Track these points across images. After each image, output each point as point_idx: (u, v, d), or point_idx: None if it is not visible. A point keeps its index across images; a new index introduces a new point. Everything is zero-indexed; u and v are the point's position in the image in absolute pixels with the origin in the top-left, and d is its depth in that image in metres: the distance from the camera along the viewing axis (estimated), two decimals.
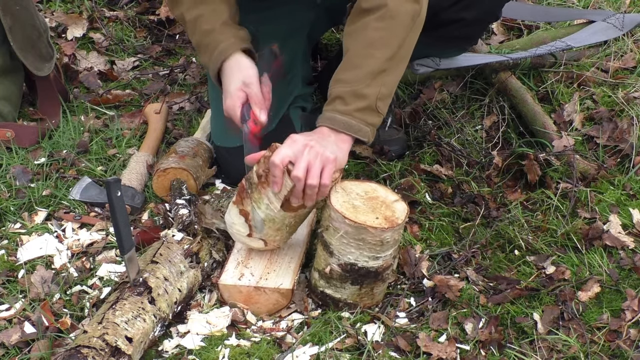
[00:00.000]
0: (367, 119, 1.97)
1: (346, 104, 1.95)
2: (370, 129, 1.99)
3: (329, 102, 1.99)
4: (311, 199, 1.90)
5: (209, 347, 1.89)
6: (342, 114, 1.95)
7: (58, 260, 2.15)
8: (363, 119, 1.96)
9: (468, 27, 2.38)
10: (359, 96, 1.95)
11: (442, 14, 2.27)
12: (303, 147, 1.87)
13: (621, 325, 1.92)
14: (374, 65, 1.96)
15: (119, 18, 3.24)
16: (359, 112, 1.96)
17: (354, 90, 1.95)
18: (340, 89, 1.97)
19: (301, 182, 1.86)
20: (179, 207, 2.20)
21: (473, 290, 2.04)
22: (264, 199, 1.93)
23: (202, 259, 2.06)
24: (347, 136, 1.96)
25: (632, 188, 2.31)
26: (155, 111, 2.66)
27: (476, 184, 2.43)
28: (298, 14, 2.45)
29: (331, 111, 1.96)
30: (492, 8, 2.41)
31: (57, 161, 2.48)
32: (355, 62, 1.98)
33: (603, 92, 2.65)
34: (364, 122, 1.97)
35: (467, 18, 2.32)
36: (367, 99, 1.96)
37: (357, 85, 1.95)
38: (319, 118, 1.99)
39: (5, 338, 1.87)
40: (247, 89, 2.04)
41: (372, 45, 1.98)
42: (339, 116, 1.95)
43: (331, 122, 1.95)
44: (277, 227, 1.98)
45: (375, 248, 1.88)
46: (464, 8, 2.30)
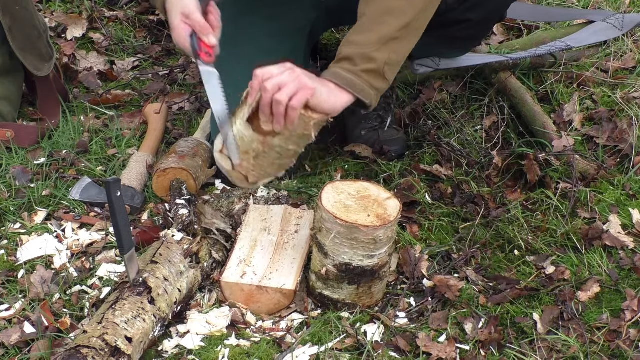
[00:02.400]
0: (372, 81, 1.96)
1: (354, 65, 1.94)
2: (374, 92, 1.97)
3: (336, 61, 1.98)
4: (278, 121, 1.87)
5: (208, 347, 1.89)
6: (347, 71, 1.94)
7: (58, 260, 2.15)
8: (368, 81, 1.95)
9: (473, 28, 2.38)
10: (368, 59, 1.94)
11: (448, 14, 2.26)
12: (288, 69, 1.86)
13: (621, 325, 1.92)
14: (386, 32, 1.95)
15: (118, 18, 3.24)
16: (365, 73, 1.94)
17: (363, 53, 1.94)
18: (349, 50, 1.96)
19: (267, 94, 1.84)
20: (178, 207, 2.20)
21: (473, 290, 2.04)
22: (241, 112, 1.92)
23: (202, 259, 2.06)
24: (348, 94, 1.94)
25: (632, 188, 2.31)
26: (155, 111, 2.66)
27: (476, 184, 2.43)
28: (299, 14, 2.45)
29: (337, 68, 1.96)
30: (498, 8, 2.41)
31: (57, 161, 2.48)
32: (368, 27, 1.98)
33: (603, 92, 2.65)
34: (368, 84, 1.95)
35: (473, 19, 2.32)
36: (375, 62, 1.95)
37: (367, 49, 1.94)
38: (323, 73, 1.97)
39: (5, 338, 1.87)
40: (188, 19, 1.99)
41: (388, 12, 1.97)
42: (344, 73, 1.94)
43: (335, 77, 1.94)
44: (245, 149, 1.95)
45: (369, 247, 1.88)
46: (470, 8, 2.30)
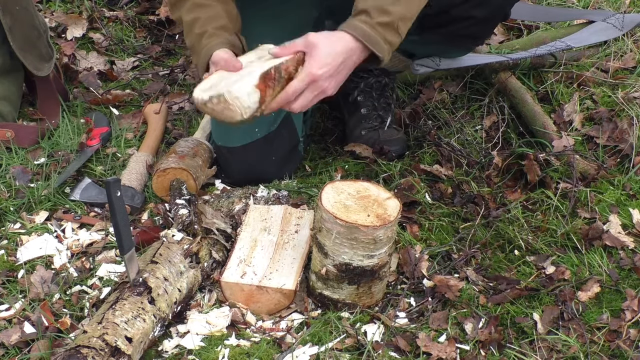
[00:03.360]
0: (386, 35, 1.99)
1: (370, 17, 1.97)
2: (387, 47, 2.00)
3: (354, 14, 2.01)
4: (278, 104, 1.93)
5: (208, 347, 1.89)
6: (364, 23, 1.97)
7: (58, 260, 2.15)
8: (382, 34, 1.98)
9: (477, 26, 2.38)
10: (384, 11, 1.97)
11: (452, 11, 2.26)
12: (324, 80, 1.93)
13: (621, 325, 1.92)
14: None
15: (118, 18, 3.24)
16: (381, 26, 1.98)
17: (379, 6, 1.98)
18: (366, 3, 1.99)
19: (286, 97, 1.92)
20: (178, 207, 2.20)
21: (473, 290, 2.04)
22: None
23: (202, 259, 2.06)
24: (364, 48, 1.98)
25: (632, 188, 2.31)
26: (155, 111, 2.66)
27: (476, 184, 2.43)
28: (301, 13, 2.45)
29: (355, 20, 1.99)
30: (502, 6, 2.41)
31: (57, 161, 2.48)
32: None
33: (603, 92, 2.65)
34: (382, 38, 1.98)
35: (477, 16, 2.32)
36: (391, 16, 1.98)
37: (383, 1, 1.98)
38: (342, 25, 2.00)
39: (5, 338, 1.87)
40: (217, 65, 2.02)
41: None
42: (361, 24, 1.97)
43: (353, 29, 1.97)
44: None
45: (368, 246, 1.88)
46: (475, 6, 2.30)
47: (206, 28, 2.11)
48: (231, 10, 2.20)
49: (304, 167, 2.56)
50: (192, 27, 2.15)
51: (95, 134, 2.57)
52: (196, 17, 2.14)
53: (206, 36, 2.10)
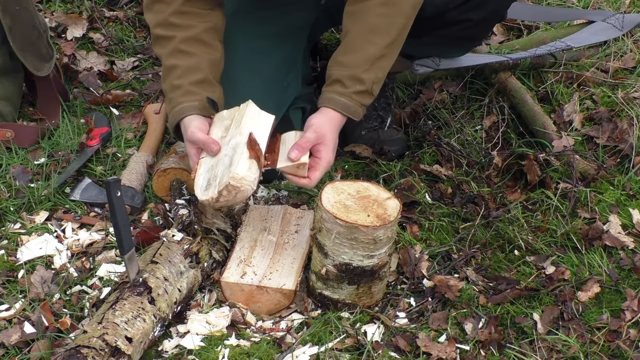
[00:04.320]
0: (362, 100, 2.06)
1: (345, 87, 2.04)
2: (363, 109, 2.09)
3: (328, 83, 2.07)
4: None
5: (208, 347, 1.89)
6: (340, 95, 2.04)
7: (58, 260, 2.15)
8: (359, 101, 2.06)
9: (474, 28, 2.38)
10: (358, 80, 2.04)
11: (448, 14, 2.27)
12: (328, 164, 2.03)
13: (621, 325, 1.92)
14: (373, 51, 2.04)
15: (118, 18, 3.24)
16: (357, 94, 2.05)
17: (353, 75, 2.04)
18: (340, 72, 2.05)
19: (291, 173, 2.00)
20: (178, 207, 2.20)
21: (473, 290, 2.04)
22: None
23: (202, 259, 2.06)
24: (343, 117, 2.06)
25: (632, 188, 2.31)
26: (155, 111, 2.66)
27: (476, 184, 2.43)
28: (299, 14, 2.45)
29: (331, 92, 2.05)
30: (498, 8, 2.41)
31: (57, 161, 2.48)
32: (356, 46, 2.06)
33: (603, 92, 2.65)
34: (359, 104, 2.06)
35: (473, 18, 2.32)
36: (365, 84, 2.04)
37: (356, 70, 2.04)
38: (320, 98, 2.07)
39: (5, 338, 1.87)
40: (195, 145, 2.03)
41: (373, 31, 2.05)
42: (337, 97, 2.04)
43: (332, 104, 2.04)
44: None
45: (368, 247, 1.88)
46: (471, 9, 2.30)
47: (182, 82, 2.07)
48: (214, 57, 2.15)
49: None
50: (170, 74, 2.11)
51: (95, 134, 2.57)
52: (175, 64, 2.10)
53: (180, 93, 2.07)
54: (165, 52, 2.13)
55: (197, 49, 2.11)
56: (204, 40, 2.13)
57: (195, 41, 2.11)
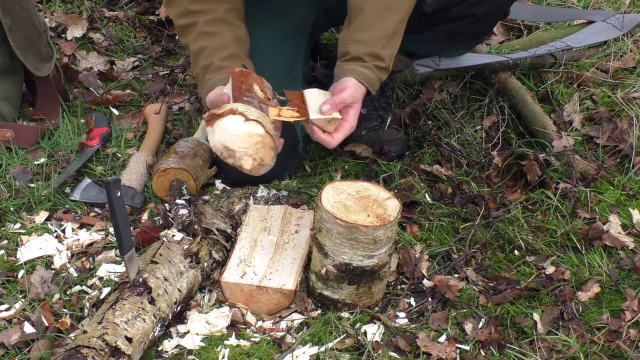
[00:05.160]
0: (381, 76, 2.11)
1: (365, 62, 2.07)
2: (378, 84, 2.12)
3: (348, 59, 2.09)
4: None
5: (208, 347, 1.89)
6: (363, 67, 2.06)
7: (58, 261, 2.15)
8: (378, 76, 2.09)
9: (477, 24, 2.38)
10: (377, 57, 2.07)
11: (452, 9, 2.27)
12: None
13: (621, 326, 1.92)
14: (389, 28, 2.09)
15: (118, 18, 3.24)
16: (377, 69, 2.08)
17: (371, 52, 2.07)
18: (358, 49, 2.07)
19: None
20: (178, 207, 2.20)
21: (473, 291, 2.04)
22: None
23: (201, 259, 2.06)
24: (364, 89, 2.08)
25: (632, 188, 2.31)
26: (155, 111, 2.67)
27: (476, 184, 2.43)
28: (300, 14, 2.45)
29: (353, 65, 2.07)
30: (502, 5, 2.41)
31: (57, 161, 2.48)
32: (371, 23, 2.09)
33: (603, 92, 2.65)
34: (378, 79, 2.10)
35: (477, 14, 2.32)
36: (384, 60, 2.09)
37: (374, 47, 2.07)
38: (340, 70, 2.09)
39: (5, 338, 1.87)
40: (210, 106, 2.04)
41: (387, 7, 2.09)
42: (361, 69, 2.06)
43: (356, 74, 2.06)
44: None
45: (368, 247, 1.88)
46: (475, 4, 2.30)
47: (212, 60, 2.10)
48: (239, 34, 2.18)
49: (304, 167, 2.56)
50: (199, 57, 2.14)
51: (95, 134, 2.57)
52: (203, 46, 2.13)
53: (211, 70, 2.10)
54: (190, 39, 2.17)
55: (222, 29, 2.15)
56: (227, 20, 2.16)
57: (218, 22, 2.15)
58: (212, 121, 1.91)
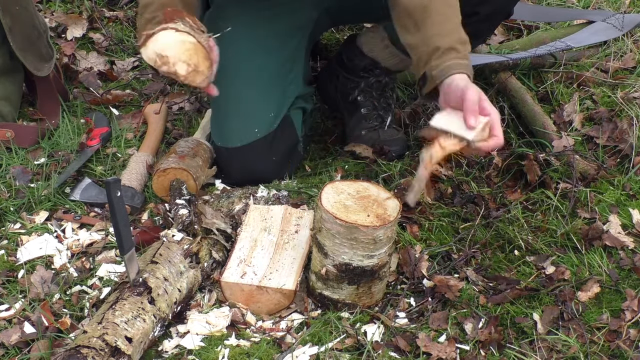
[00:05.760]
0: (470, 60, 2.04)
1: (459, 52, 2.00)
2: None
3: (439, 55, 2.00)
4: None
5: (208, 347, 1.89)
6: (461, 58, 1.99)
7: (58, 261, 2.15)
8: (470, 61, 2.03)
9: (480, 23, 2.38)
10: (464, 42, 2.03)
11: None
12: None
13: (621, 326, 1.92)
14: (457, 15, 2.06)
15: (118, 18, 3.24)
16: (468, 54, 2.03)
17: (458, 38, 2.02)
18: (445, 40, 2.00)
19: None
20: (178, 207, 2.20)
21: (473, 291, 2.04)
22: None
23: (202, 259, 2.06)
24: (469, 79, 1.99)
25: (632, 188, 2.31)
26: (155, 111, 2.66)
27: (476, 184, 2.43)
28: (300, 13, 2.46)
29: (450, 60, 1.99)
30: (506, 3, 2.41)
31: (57, 161, 2.48)
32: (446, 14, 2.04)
33: (603, 92, 2.65)
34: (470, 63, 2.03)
35: (481, 12, 2.32)
36: (468, 44, 2.04)
37: (459, 34, 2.03)
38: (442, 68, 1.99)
39: (5, 338, 1.87)
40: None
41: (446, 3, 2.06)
42: (460, 61, 1.99)
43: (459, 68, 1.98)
44: None
45: (368, 247, 1.88)
46: (479, 3, 2.30)
47: (157, 14, 2.09)
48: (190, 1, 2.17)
49: (304, 167, 2.56)
50: (145, 9, 2.15)
51: (95, 134, 2.57)
52: (149, 1, 2.14)
53: (154, 22, 2.07)
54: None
55: None
56: None
57: None
58: (145, 41, 1.96)
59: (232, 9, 2.37)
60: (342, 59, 2.66)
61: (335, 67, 2.67)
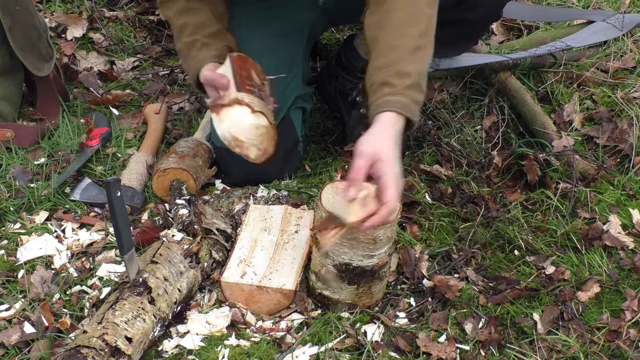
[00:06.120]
0: (414, 96, 1.90)
1: (393, 86, 1.88)
2: (417, 106, 1.92)
3: (374, 90, 1.92)
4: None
5: (208, 347, 1.89)
6: (391, 95, 1.88)
7: (58, 261, 2.15)
8: (411, 97, 1.89)
9: (469, 28, 2.38)
10: (403, 75, 1.90)
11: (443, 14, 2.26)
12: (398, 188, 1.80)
13: (621, 325, 1.92)
14: (410, 43, 1.93)
15: (118, 18, 3.24)
16: (407, 89, 1.89)
17: (397, 71, 1.90)
18: (382, 75, 1.91)
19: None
20: (178, 207, 2.20)
21: (473, 291, 2.04)
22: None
23: (201, 259, 2.06)
24: (399, 117, 1.87)
25: (632, 188, 2.31)
26: (155, 111, 2.66)
27: (476, 184, 2.43)
28: (299, 14, 2.45)
29: (381, 97, 1.89)
30: (493, 8, 2.41)
31: (57, 161, 2.48)
32: (391, 45, 1.94)
33: (603, 92, 2.65)
34: (412, 100, 1.89)
35: (469, 19, 2.32)
36: (411, 76, 1.90)
37: (399, 65, 1.90)
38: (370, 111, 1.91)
39: (5, 338, 1.87)
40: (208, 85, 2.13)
41: (403, 24, 1.95)
42: (389, 97, 1.88)
43: (385, 106, 1.87)
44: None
45: (368, 246, 1.88)
46: (467, 9, 2.30)
47: (196, 37, 2.19)
48: (218, 10, 2.26)
49: (304, 167, 2.56)
50: (182, 33, 2.23)
51: (95, 134, 2.57)
52: (185, 22, 2.22)
53: (196, 47, 2.18)
54: (172, 12, 2.24)
55: (203, 5, 2.21)
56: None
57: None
58: (218, 110, 2.03)
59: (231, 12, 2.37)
60: (341, 60, 2.66)
61: (335, 68, 2.67)
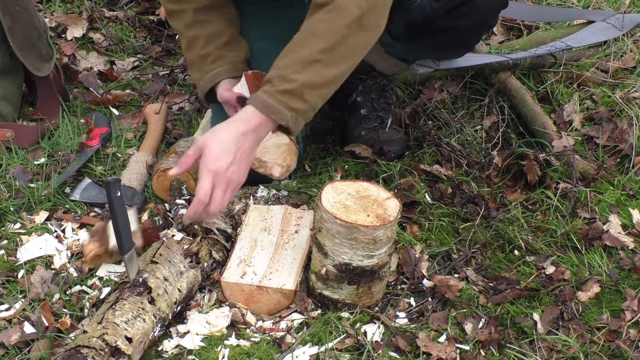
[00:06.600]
0: (289, 102, 1.93)
1: (273, 86, 1.93)
2: (292, 114, 1.94)
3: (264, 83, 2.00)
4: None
5: (208, 347, 1.89)
6: (265, 93, 1.93)
7: (58, 261, 2.15)
8: (284, 101, 1.92)
9: (462, 35, 2.37)
10: (285, 79, 1.93)
11: (436, 22, 2.25)
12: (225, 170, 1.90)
13: (621, 325, 1.92)
14: (307, 53, 1.95)
15: (118, 18, 3.24)
16: (282, 94, 1.92)
17: (282, 74, 1.94)
18: (271, 73, 1.97)
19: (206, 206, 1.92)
20: (178, 207, 2.20)
21: (473, 291, 2.04)
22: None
23: (202, 259, 2.06)
24: (262, 116, 1.93)
25: (632, 188, 2.31)
26: (155, 111, 2.67)
27: (476, 184, 2.43)
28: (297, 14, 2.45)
29: (260, 92, 1.96)
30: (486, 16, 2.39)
31: (57, 161, 2.48)
32: (292, 49, 1.99)
33: (603, 92, 2.65)
34: (284, 105, 1.92)
35: (461, 26, 2.31)
36: (293, 83, 1.92)
37: (286, 70, 1.95)
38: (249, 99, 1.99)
39: (5, 338, 1.87)
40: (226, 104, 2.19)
41: (311, 34, 1.98)
42: (263, 95, 1.93)
43: (255, 101, 1.94)
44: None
45: (368, 246, 1.88)
46: (459, 17, 2.28)
47: (209, 49, 2.20)
48: (230, 15, 2.27)
49: (304, 167, 2.56)
50: (193, 45, 2.23)
51: (95, 134, 2.58)
52: (197, 34, 2.22)
53: (210, 60, 2.20)
54: (182, 23, 2.25)
55: (212, 15, 2.22)
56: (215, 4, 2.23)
57: (208, 8, 2.22)
58: None
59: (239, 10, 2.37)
60: None
61: None
